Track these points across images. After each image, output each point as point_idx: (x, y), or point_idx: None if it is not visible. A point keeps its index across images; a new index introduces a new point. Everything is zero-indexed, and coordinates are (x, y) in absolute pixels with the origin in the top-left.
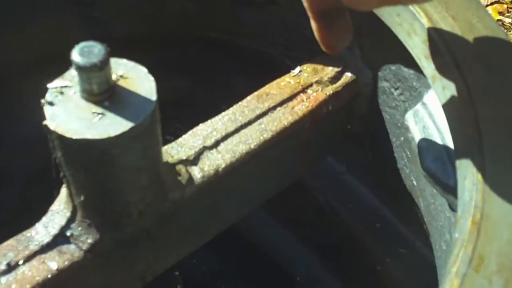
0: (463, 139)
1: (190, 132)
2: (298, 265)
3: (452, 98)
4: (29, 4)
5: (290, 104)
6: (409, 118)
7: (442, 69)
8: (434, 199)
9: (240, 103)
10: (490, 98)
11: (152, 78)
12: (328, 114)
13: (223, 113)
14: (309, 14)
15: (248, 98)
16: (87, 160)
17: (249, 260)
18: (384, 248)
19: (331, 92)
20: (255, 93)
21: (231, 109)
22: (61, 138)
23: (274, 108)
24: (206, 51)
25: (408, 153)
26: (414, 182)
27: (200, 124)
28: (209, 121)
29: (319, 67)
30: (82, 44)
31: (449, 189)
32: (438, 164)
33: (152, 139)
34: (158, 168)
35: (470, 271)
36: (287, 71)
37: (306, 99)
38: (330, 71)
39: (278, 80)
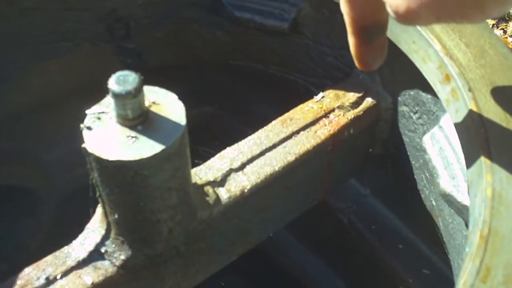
0: (474, 159)
1: (217, 155)
2: (322, 285)
3: (464, 120)
4: (69, 38)
5: (313, 128)
6: (427, 140)
7: (455, 93)
8: (452, 219)
9: (265, 127)
10: (501, 120)
11: (181, 104)
12: (349, 138)
13: (249, 137)
14: (349, 29)
15: (273, 122)
16: (122, 180)
17: (272, 279)
18: (407, 268)
19: (353, 116)
20: (280, 118)
21: (256, 133)
22: (98, 159)
23: (297, 132)
24: (234, 78)
25: (427, 174)
26: (434, 203)
27: (227, 148)
28: (235, 144)
29: (340, 93)
30: (118, 73)
31: (465, 208)
32: (454, 184)
33: (181, 160)
34: (187, 188)
35: (477, 282)
36: (310, 97)
37: (329, 123)
38: (352, 96)
39: (302, 105)
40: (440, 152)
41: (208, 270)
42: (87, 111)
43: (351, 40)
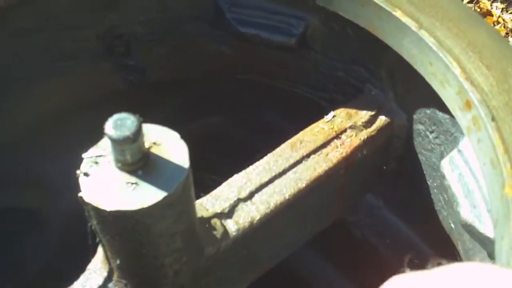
0: (500, 196)
1: (225, 184)
2: None
3: (488, 152)
4: (68, 57)
5: (324, 151)
6: (445, 165)
7: (477, 122)
8: (473, 245)
9: (274, 152)
10: None
11: (184, 144)
12: (363, 159)
13: (257, 163)
14: None
15: (282, 146)
16: (122, 229)
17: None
18: None
19: (366, 136)
20: (289, 141)
21: (265, 158)
22: (96, 209)
23: (308, 156)
24: (241, 90)
25: (446, 198)
26: (452, 225)
27: (235, 175)
28: (243, 171)
29: (352, 111)
30: (116, 117)
31: (488, 240)
32: (476, 214)
33: (186, 204)
34: (193, 229)
35: None
36: (321, 111)
37: (341, 145)
38: (364, 115)
39: (312, 126)
40: (460, 179)
41: None
42: (83, 155)
43: None
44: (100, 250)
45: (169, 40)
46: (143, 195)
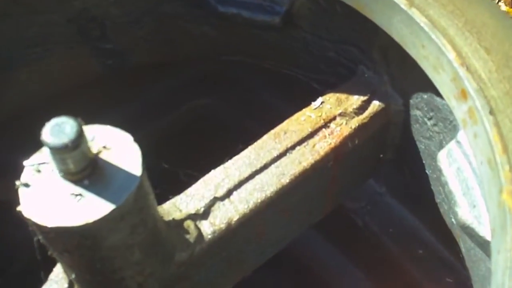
0: (497, 203)
1: (201, 181)
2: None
3: (485, 150)
4: (38, 43)
5: (311, 141)
6: (442, 158)
7: (473, 114)
8: (475, 244)
9: (255, 143)
10: None
11: (137, 148)
12: (354, 148)
13: (236, 157)
14: None
15: (264, 137)
16: (69, 245)
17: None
18: (428, 276)
19: (357, 124)
20: (272, 131)
21: (245, 151)
22: (37, 225)
23: (292, 148)
24: (231, 73)
25: (443, 195)
26: (453, 221)
27: (212, 171)
28: (221, 166)
29: (343, 96)
30: (54, 122)
31: (487, 244)
32: (475, 214)
33: (141, 214)
34: (156, 238)
35: None
36: (316, 94)
37: (329, 134)
38: (356, 100)
39: (298, 114)
40: (458, 174)
41: None
42: (25, 163)
43: None
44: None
45: (147, 21)
46: (89, 209)
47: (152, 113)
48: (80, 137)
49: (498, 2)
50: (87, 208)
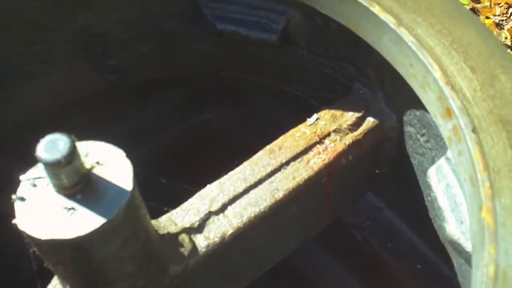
0: (477, 219)
1: (196, 195)
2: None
3: (467, 168)
4: (42, 59)
5: (305, 157)
6: (432, 175)
7: (458, 132)
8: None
9: (250, 159)
10: (510, 171)
11: (129, 164)
12: (349, 164)
13: (231, 172)
14: None
15: (260, 153)
16: (62, 258)
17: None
18: None
19: (351, 141)
20: (267, 147)
21: (240, 166)
22: (31, 237)
23: (287, 163)
24: (232, 88)
25: (434, 209)
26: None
27: (208, 186)
28: (216, 181)
29: (338, 113)
30: (48, 138)
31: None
32: (462, 230)
33: (132, 227)
34: (149, 251)
35: None
36: (313, 109)
37: (323, 151)
38: (350, 117)
39: (293, 130)
40: (446, 190)
41: None
42: (21, 177)
43: None
44: None
45: (148, 38)
46: (81, 222)
47: (154, 128)
48: (72, 153)
49: None
50: (79, 222)
